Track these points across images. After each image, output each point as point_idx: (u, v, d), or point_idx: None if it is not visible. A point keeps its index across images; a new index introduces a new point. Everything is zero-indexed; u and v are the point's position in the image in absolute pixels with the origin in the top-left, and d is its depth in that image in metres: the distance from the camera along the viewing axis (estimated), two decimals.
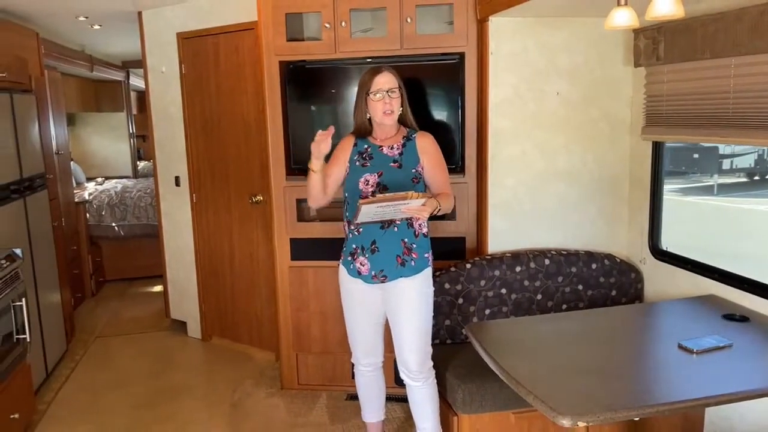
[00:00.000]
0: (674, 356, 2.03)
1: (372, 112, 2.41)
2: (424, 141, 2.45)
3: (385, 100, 2.36)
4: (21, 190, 3.41)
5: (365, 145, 2.47)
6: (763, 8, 2.18)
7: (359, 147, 2.48)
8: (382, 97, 2.36)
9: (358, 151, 2.47)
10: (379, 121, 2.40)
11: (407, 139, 2.46)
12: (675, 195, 11.33)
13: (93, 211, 5.66)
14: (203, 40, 3.86)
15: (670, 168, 12.68)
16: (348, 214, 2.47)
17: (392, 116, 2.39)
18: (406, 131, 2.48)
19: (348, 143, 2.50)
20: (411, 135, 2.47)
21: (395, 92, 2.38)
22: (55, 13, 4.09)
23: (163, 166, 4.36)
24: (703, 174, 11.24)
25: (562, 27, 2.93)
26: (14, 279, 2.95)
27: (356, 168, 2.44)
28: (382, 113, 2.37)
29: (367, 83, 2.39)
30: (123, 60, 7.05)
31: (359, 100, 2.45)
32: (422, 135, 2.47)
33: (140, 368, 3.91)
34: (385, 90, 2.36)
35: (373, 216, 2.25)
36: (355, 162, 2.45)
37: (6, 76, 3.31)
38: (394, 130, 2.47)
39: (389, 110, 2.37)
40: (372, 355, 2.59)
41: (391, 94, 2.37)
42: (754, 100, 2.30)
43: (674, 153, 10.68)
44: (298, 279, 3.32)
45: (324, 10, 3.04)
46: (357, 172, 2.43)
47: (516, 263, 2.93)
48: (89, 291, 5.36)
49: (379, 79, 2.37)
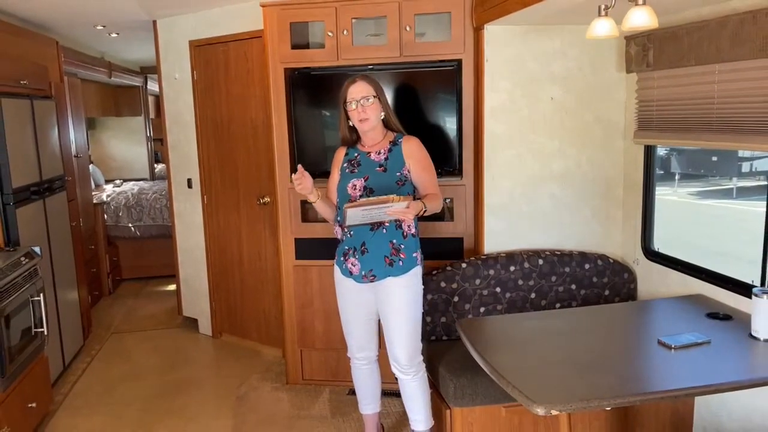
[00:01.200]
0: (653, 351, 2.12)
1: (353, 121, 2.53)
2: (409, 145, 2.56)
3: (359, 109, 2.48)
4: (40, 191, 3.59)
5: (355, 153, 2.60)
6: (743, 17, 2.26)
7: (349, 155, 2.61)
8: (356, 106, 2.48)
9: (348, 159, 2.61)
10: (359, 129, 2.53)
11: (393, 143, 2.57)
12: (693, 198, 11.27)
13: (110, 212, 5.86)
14: (214, 48, 4.02)
15: (689, 171, 12.62)
16: (339, 218, 2.59)
17: (368, 123, 2.50)
18: (393, 136, 2.59)
19: (340, 154, 2.65)
20: (397, 140, 2.58)
21: (369, 99, 2.48)
22: (74, 22, 4.29)
23: (176, 168, 4.52)
24: (722, 177, 11.17)
25: (555, 35, 3.03)
26: (33, 275, 3.12)
27: (345, 174, 2.57)
28: (358, 121, 2.50)
29: (343, 94, 2.52)
30: (141, 66, 7.27)
31: (340, 111, 2.58)
32: (408, 139, 2.58)
33: (153, 363, 4.07)
34: (357, 99, 2.48)
35: (361, 219, 2.37)
36: (345, 169, 2.59)
37: (27, 83, 3.49)
38: (380, 136, 2.58)
39: (364, 117, 2.49)
40: (366, 349, 2.71)
41: (363, 102, 2.48)
42: (737, 106, 2.38)
43: (692, 155, 10.63)
44: (303, 277, 3.45)
45: (327, 20, 3.17)
46: (346, 178, 2.56)
47: (510, 263, 3.03)
48: (106, 289, 5.55)
49: (352, 89, 2.50)
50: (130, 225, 5.89)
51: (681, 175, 12.61)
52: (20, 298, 2.95)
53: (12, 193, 3.20)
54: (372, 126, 2.52)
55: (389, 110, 2.59)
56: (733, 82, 2.38)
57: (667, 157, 12.45)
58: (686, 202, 11.02)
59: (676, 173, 12.66)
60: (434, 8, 3.11)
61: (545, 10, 2.46)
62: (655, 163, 3.04)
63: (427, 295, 2.96)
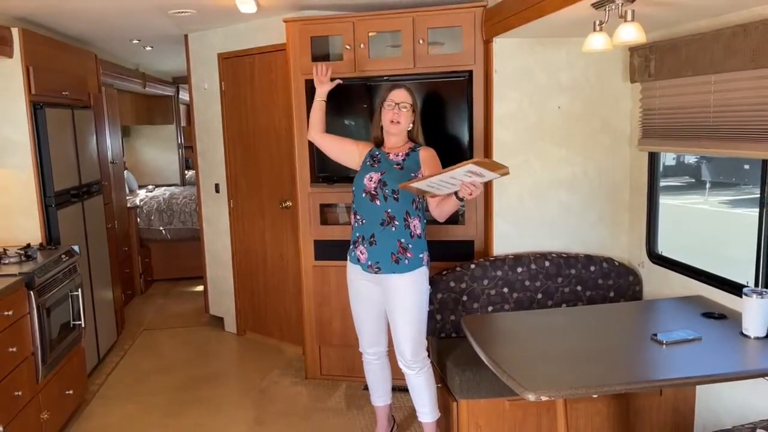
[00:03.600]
0: (645, 346, 2.24)
1: (383, 120, 2.72)
2: (426, 153, 2.74)
3: (394, 110, 2.68)
4: (80, 194, 3.85)
5: (377, 152, 2.80)
6: (736, 29, 2.37)
7: (373, 152, 2.81)
8: (393, 107, 2.67)
9: (371, 155, 2.80)
10: (386, 128, 2.72)
11: (412, 150, 2.75)
12: (725, 207, 11.14)
13: (143, 215, 6.15)
14: (241, 60, 4.25)
15: (720, 179, 12.46)
16: (354, 205, 2.77)
17: (398, 126, 2.69)
18: (413, 145, 2.78)
19: (367, 147, 2.85)
20: (416, 148, 2.76)
21: (406, 107, 2.69)
22: (112, 37, 4.57)
23: (205, 174, 4.77)
24: (755, 185, 10.98)
25: (561, 46, 3.16)
26: (72, 272, 3.37)
27: (366, 167, 2.77)
28: (389, 121, 2.68)
29: (384, 95, 2.73)
30: (173, 76, 7.58)
31: (377, 110, 2.78)
32: (426, 149, 2.76)
33: (181, 358, 4.30)
34: (396, 102, 2.68)
35: (426, 186, 2.44)
36: (366, 162, 2.79)
37: (68, 94, 3.77)
38: (401, 142, 2.77)
39: (396, 119, 2.68)
40: (377, 344, 2.88)
41: (401, 107, 2.67)
42: (731, 114, 2.49)
43: (722, 163, 10.50)
44: (321, 277, 3.63)
45: (345, 34, 3.37)
46: (365, 170, 2.76)
47: (518, 264, 3.16)
48: (138, 289, 5.83)
49: (395, 92, 2.70)
50: (161, 228, 6.18)
51: (712, 183, 12.46)
52: (60, 292, 3.20)
53: (54, 195, 3.47)
54: (400, 130, 2.72)
55: (418, 124, 2.78)
56: (728, 92, 2.49)
57: (696, 165, 12.32)
58: (717, 210, 10.91)
59: (707, 181, 12.52)
60: (446, 22, 3.28)
61: (546, 24, 2.61)
62: (659, 169, 3.15)
63: (437, 294, 3.11)
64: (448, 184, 2.43)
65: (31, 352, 2.90)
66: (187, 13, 3.71)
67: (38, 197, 3.40)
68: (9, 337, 2.69)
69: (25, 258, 3.08)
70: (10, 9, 3.36)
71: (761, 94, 2.31)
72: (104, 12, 3.58)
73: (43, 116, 3.39)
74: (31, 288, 2.89)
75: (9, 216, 3.40)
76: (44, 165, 3.42)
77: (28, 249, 3.18)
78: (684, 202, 11.44)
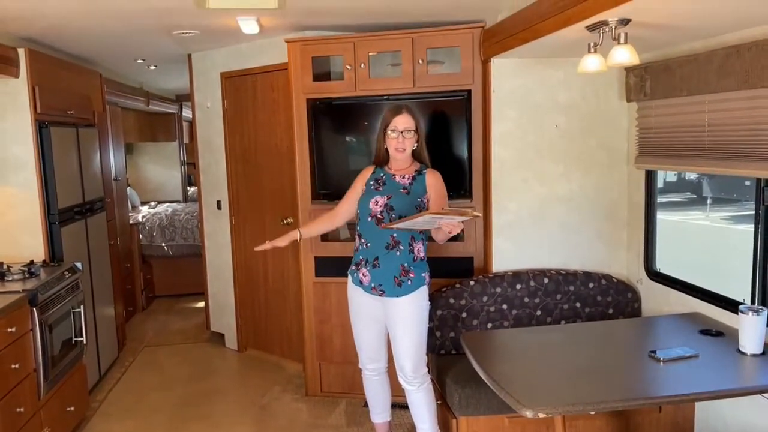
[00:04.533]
0: (643, 363, 2.26)
1: (388, 146, 2.76)
2: (432, 177, 2.77)
3: (399, 139, 2.70)
4: (83, 211, 3.89)
5: (381, 173, 2.82)
6: (729, 51, 2.42)
7: (376, 174, 2.83)
8: (397, 136, 2.70)
9: (375, 177, 2.82)
10: (392, 155, 2.75)
11: (418, 173, 2.78)
12: (726, 223, 11.15)
13: (145, 232, 6.19)
14: (243, 79, 4.32)
15: (721, 195, 12.48)
16: (359, 228, 2.79)
17: (403, 153, 2.72)
18: (419, 166, 2.80)
19: (368, 171, 2.87)
20: (422, 170, 2.79)
21: (410, 132, 2.71)
22: (117, 56, 4.65)
23: (207, 191, 4.81)
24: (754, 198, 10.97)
25: (559, 66, 3.22)
26: (75, 288, 3.40)
27: (370, 190, 2.79)
28: (395, 149, 2.71)
29: (387, 120, 2.74)
30: (177, 94, 7.66)
31: (380, 132, 2.80)
32: (431, 172, 2.79)
33: (182, 374, 4.31)
34: (400, 130, 2.70)
35: (412, 225, 2.49)
36: (371, 185, 2.80)
37: (73, 112, 3.83)
38: (407, 164, 2.80)
39: (401, 148, 2.71)
40: (376, 361, 2.90)
41: (405, 134, 2.70)
42: (726, 133, 2.53)
43: (723, 180, 10.51)
44: (321, 294, 3.66)
45: (345, 54, 3.42)
46: (370, 194, 2.78)
47: (517, 281, 3.19)
48: (140, 305, 5.85)
49: (398, 119, 2.71)
50: (163, 244, 6.21)
51: (713, 199, 12.47)
52: (63, 309, 3.22)
53: (58, 212, 3.51)
54: (405, 156, 2.75)
55: (423, 144, 2.81)
56: (722, 112, 2.53)
57: (698, 181, 12.36)
58: (718, 226, 10.91)
59: (708, 197, 12.54)
60: (445, 43, 3.34)
61: (542, 45, 2.67)
62: (656, 186, 3.18)
63: (437, 311, 3.13)
64: (427, 224, 2.48)
65: (33, 368, 2.92)
66: (191, 34, 3.77)
67: (42, 214, 3.44)
68: (12, 353, 2.71)
69: (29, 275, 3.11)
70: (18, 30, 3.42)
71: (754, 114, 2.36)
72: (110, 33, 3.65)
73: (48, 135, 3.44)
74: (34, 305, 2.91)
75: (13, 233, 3.43)
76: (48, 183, 3.47)
77: (31, 266, 3.21)
78: (685, 218, 11.45)
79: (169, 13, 3.15)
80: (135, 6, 2.93)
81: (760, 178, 2.44)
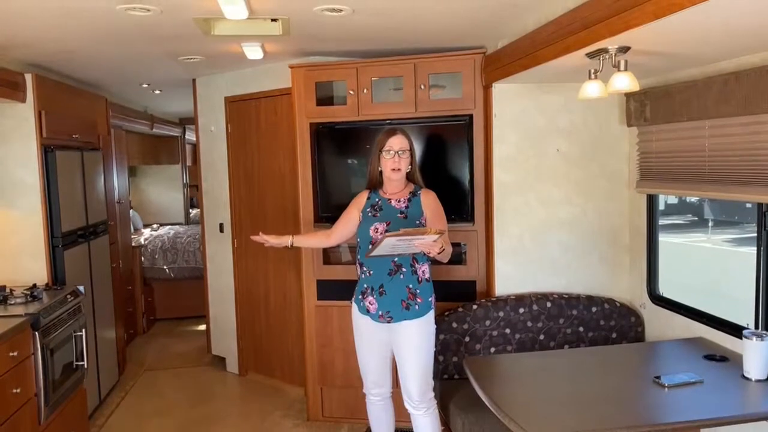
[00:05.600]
0: (647, 389, 2.24)
1: (383, 168, 2.77)
2: (427, 197, 2.79)
3: (395, 159, 2.73)
4: (86, 235, 3.91)
5: (377, 199, 2.83)
6: (727, 77, 2.45)
7: (372, 200, 2.84)
8: (393, 155, 2.73)
9: (370, 204, 2.83)
10: (388, 176, 2.76)
11: (413, 194, 2.80)
12: (728, 245, 11.13)
13: (147, 254, 6.19)
14: (247, 103, 4.36)
15: (723, 218, 12.48)
16: (360, 257, 2.80)
17: (399, 173, 2.74)
18: (413, 187, 2.83)
19: (362, 197, 2.88)
20: (417, 191, 2.81)
21: (405, 153, 2.74)
22: (122, 81, 4.71)
23: (209, 213, 4.83)
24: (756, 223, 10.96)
25: (559, 92, 3.25)
26: (77, 312, 3.40)
27: (368, 218, 2.79)
28: (391, 169, 2.73)
29: (382, 142, 2.76)
30: (180, 117, 7.73)
31: (374, 156, 2.82)
32: (426, 192, 2.81)
33: (182, 399, 4.28)
34: (396, 150, 2.73)
35: (390, 250, 2.51)
36: (368, 213, 2.81)
37: (78, 137, 3.86)
38: (402, 186, 2.82)
39: (397, 167, 2.73)
40: (381, 386, 2.88)
41: (400, 154, 2.73)
42: (726, 159, 2.55)
43: (725, 202, 10.49)
44: (323, 317, 3.65)
45: (348, 79, 3.47)
46: (368, 221, 2.78)
47: (519, 305, 3.18)
48: (141, 328, 5.83)
49: (393, 140, 2.74)
50: (165, 267, 6.21)
51: (714, 221, 12.46)
52: (65, 333, 3.21)
53: (61, 236, 3.52)
54: (401, 176, 2.77)
55: (416, 165, 2.84)
56: (722, 137, 2.55)
57: (699, 203, 12.36)
58: (720, 249, 10.89)
59: (710, 220, 12.53)
60: (446, 68, 3.38)
61: (543, 72, 2.70)
62: (657, 211, 3.19)
63: (440, 336, 3.12)
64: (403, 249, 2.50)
65: (34, 393, 2.90)
66: (196, 60, 3.82)
67: (46, 238, 3.45)
68: (13, 378, 2.70)
69: (31, 298, 3.11)
70: (26, 56, 3.47)
71: (754, 139, 2.38)
72: (116, 59, 3.70)
73: (53, 159, 3.47)
74: (36, 328, 2.91)
75: (16, 257, 3.44)
76: (53, 206, 3.48)
77: (34, 289, 3.21)
78: (687, 240, 11.43)
79: (176, 39, 3.20)
80: (142, 33, 2.98)
81: (762, 203, 2.44)
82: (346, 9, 2.58)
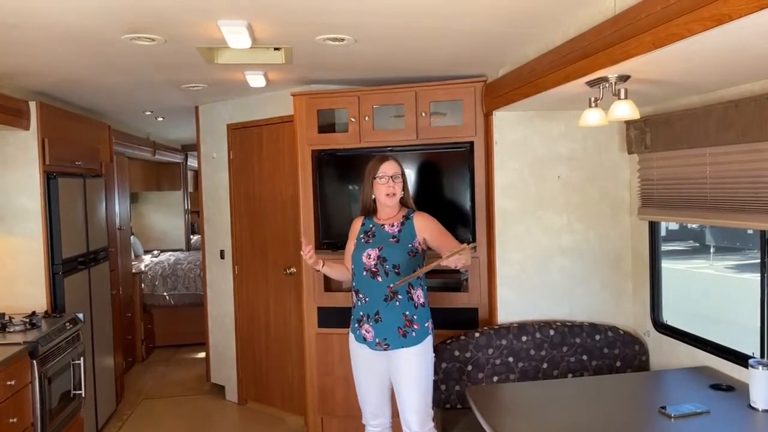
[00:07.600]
0: (653, 420, 2.21)
1: (377, 194, 2.78)
2: (420, 220, 2.78)
3: (389, 184, 2.73)
4: (87, 262, 3.89)
5: (370, 225, 2.83)
6: (727, 105, 2.46)
7: (365, 226, 2.84)
8: (387, 181, 2.73)
9: (364, 230, 2.83)
10: (383, 201, 2.76)
11: (406, 218, 2.80)
12: (730, 272, 11.07)
13: (147, 281, 6.17)
14: (249, 130, 4.39)
15: (724, 244, 12.44)
16: (355, 284, 2.79)
17: (394, 198, 2.75)
18: (406, 211, 2.82)
19: (357, 224, 2.88)
20: (409, 215, 2.81)
21: (398, 178, 2.75)
22: (125, 109, 4.75)
23: (210, 240, 4.82)
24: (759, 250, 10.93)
25: (560, 119, 3.27)
26: (75, 340, 3.37)
27: (361, 244, 2.79)
28: (385, 195, 2.74)
29: (374, 169, 2.77)
30: (183, 144, 7.78)
31: (366, 183, 2.83)
32: (419, 214, 2.80)
33: (180, 429, 4.22)
34: (389, 175, 2.74)
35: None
36: (361, 239, 2.81)
37: (81, 163, 3.88)
38: (395, 211, 2.82)
39: (392, 192, 2.73)
40: (380, 416, 2.84)
41: (394, 179, 2.74)
42: (727, 186, 2.55)
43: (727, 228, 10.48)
44: (324, 345, 3.61)
45: (350, 107, 3.49)
46: (361, 247, 2.78)
47: (522, 333, 3.15)
48: (140, 355, 5.77)
49: (385, 166, 2.75)
50: (165, 294, 6.17)
51: (716, 247, 12.41)
52: (63, 361, 3.18)
53: (62, 263, 3.51)
54: (395, 202, 2.77)
55: (407, 189, 2.85)
56: (722, 165, 2.56)
57: (700, 229, 12.35)
58: (722, 275, 10.83)
59: (711, 246, 12.49)
60: (447, 96, 3.40)
61: (544, 99, 2.72)
62: (659, 237, 3.18)
63: (442, 364, 3.08)
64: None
65: (30, 422, 2.86)
66: (199, 87, 3.86)
67: (46, 265, 3.44)
68: (10, 407, 2.66)
69: (30, 326, 3.09)
70: (30, 84, 3.51)
71: (755, 167, 2.38)
72: (120, 87, 3.73)
73: (55, 186, 3.48)
74: (34, 357, 2.88)
75: (16, 283, 3.43)
76: (54, 233, 3.48)
77: (33, 317, 3.19)
78: (689, 267, 11.37)
79: (179, 68, 3.24)
80: (146, 62, 3.01)
81: (764, 231, 2.44)
82: (348, 39, 2.61)
